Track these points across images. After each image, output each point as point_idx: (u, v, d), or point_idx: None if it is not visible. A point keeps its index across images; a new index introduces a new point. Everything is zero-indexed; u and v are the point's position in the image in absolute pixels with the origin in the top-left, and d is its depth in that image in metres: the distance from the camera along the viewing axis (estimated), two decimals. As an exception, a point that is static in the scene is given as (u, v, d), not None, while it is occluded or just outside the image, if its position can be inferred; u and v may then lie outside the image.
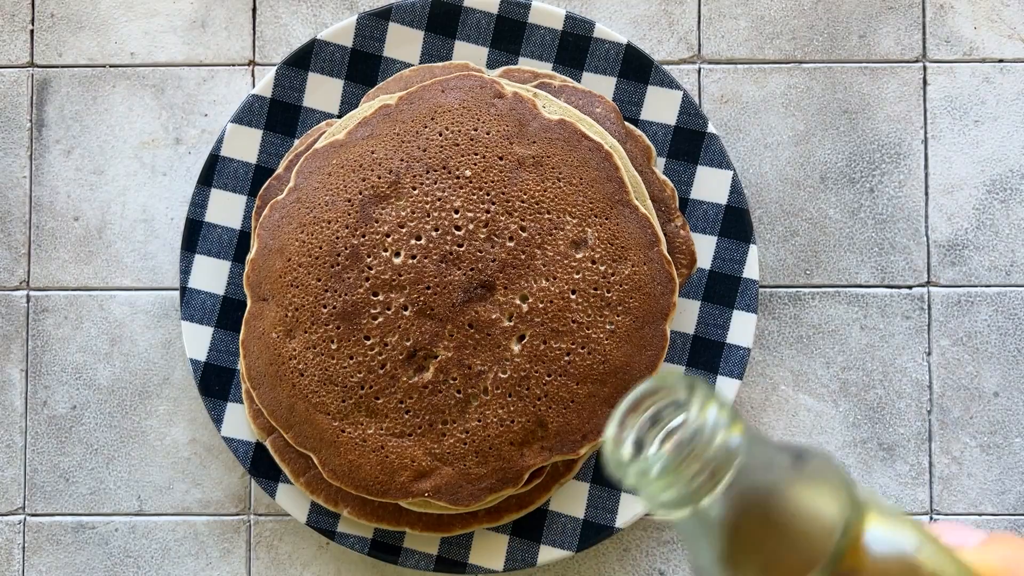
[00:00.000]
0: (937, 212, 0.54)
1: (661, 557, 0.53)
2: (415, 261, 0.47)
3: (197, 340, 0.52)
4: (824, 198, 0.54)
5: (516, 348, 0.47)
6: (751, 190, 0.54)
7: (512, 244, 0.47)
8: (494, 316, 0.47)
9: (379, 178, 0.47)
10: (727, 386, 0.52)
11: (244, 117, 0.52)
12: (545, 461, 0.48)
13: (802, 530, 0.26)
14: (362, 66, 0.52)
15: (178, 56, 0.55)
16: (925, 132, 0.54)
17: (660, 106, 0.52)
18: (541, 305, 0.47)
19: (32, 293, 0.55)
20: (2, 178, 0.55)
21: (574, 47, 0.52)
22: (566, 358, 0.47)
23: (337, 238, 0.47)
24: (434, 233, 0.47)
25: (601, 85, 0.52)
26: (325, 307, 0.47)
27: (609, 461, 0.26)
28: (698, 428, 0.25)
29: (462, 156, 0.47)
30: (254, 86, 0.54)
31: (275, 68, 0.52)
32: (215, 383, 0.52)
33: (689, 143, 0.52)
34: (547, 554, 0.52)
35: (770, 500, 0.26)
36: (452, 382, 0.47)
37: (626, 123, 0.51)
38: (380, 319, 0.47)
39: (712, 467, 0.25)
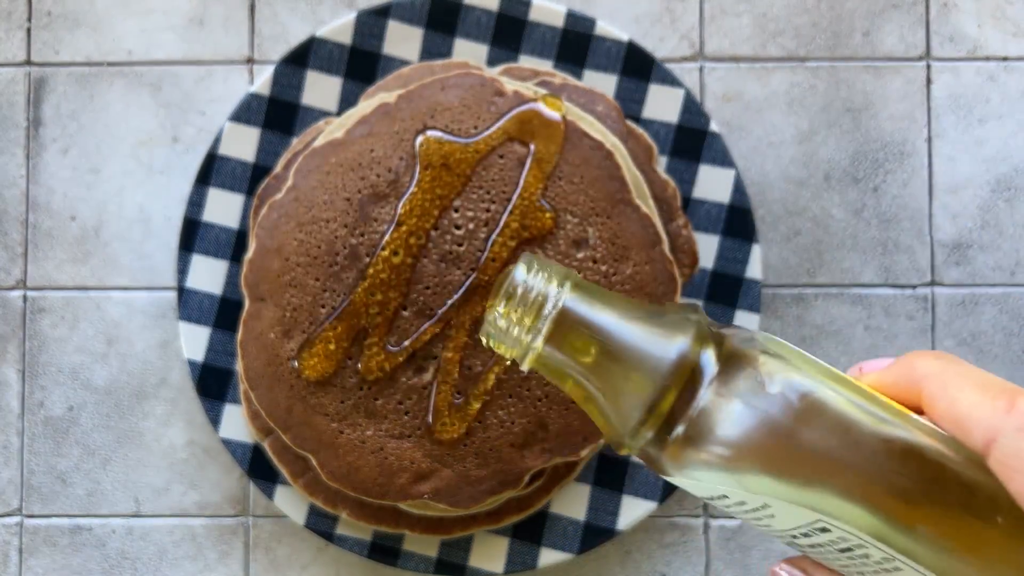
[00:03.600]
0: (941, 211, 0.54)
1: (663, 560, 0.53)
2: (414, 261, 0.46)
3: (194, 340, 0.52)
4: (827, 197, 0.54)
5: (516, 349, 0.47)
6: (754, 189, 0.54)
7: (513, 243, 0.46)
8: (494, 316, 0.46)
9: (378, 177, 0.47)
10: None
11: (242, 115, 0.52)
12: (546, 463, 0.47)
13: (637, 362, 0.29)
14: (361, 64, 0.52)
15: (175, 54, 0.54)
16: (929, 131, 0.54)
17: (662, 104, 0.52)
18: (542, 305, 0.46)
19: (28, 293, 0.54)
20: (-2, 177, 0.54)
21: (575, 45, 0.52)
22: (567, 359, 0.47)
23: (336, 237, 0.47)
24: (433, 232, 0.46)
25: (602, 83, 0.52)
26: (323, 307, 0.47)
27: (484, 330, 0.32)
28: (525, 286, 0.31)
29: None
30: (252, 84, 0.54)
31: (273, 66, 0.52)
32: (213, 384, 0.52)
33: (691, 141, 0.52)
34: (548, 556, 0.51)
35: (604, 336, 0.30)
36: (452, 383, 0.47)
37: (628, 121, 0.50)
38: (379, 319, 0.47)
39: (533, 312, 0.30)
